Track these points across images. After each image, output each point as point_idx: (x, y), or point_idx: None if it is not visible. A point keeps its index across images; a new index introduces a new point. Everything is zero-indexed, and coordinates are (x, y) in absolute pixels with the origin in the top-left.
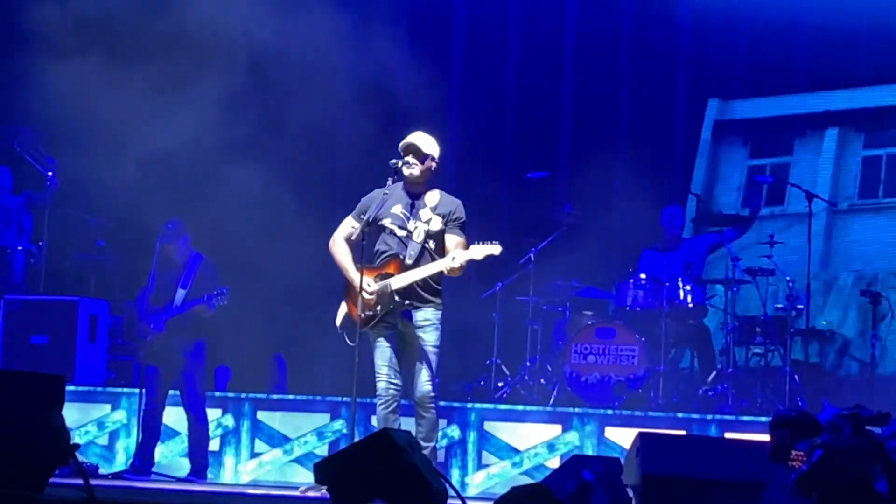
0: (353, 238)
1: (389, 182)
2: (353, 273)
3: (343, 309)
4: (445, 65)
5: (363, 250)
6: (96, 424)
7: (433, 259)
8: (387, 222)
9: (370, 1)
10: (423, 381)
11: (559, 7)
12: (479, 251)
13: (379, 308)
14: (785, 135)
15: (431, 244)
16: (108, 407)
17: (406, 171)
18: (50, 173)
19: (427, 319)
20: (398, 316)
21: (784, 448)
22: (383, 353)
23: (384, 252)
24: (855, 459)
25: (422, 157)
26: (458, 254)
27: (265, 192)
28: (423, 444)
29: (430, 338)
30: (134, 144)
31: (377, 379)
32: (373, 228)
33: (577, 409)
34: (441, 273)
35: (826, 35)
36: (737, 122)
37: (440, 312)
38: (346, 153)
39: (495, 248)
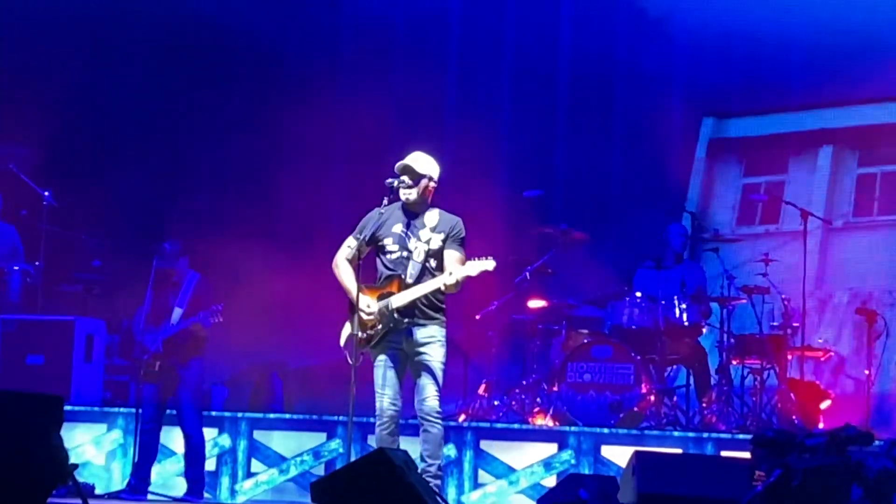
0: (353, 258)
1: (385, 201)
2: (356, 294)
3: (347, 329)
4: (441, 84)
5: (360, 270)
6: (93, 444)
7: (433, 278)
8: (388, 242)
9: (364, 17)
10: (430, 396)
11: (554, 26)
12: (475, 267)
13: (380, 327)
14: (779, 153)
15: (433, 263)
16: (104, 426)
17: (402, 194)
18: (47, 193)
19: (432, 336)
20: (401, 334)
21: (754, 467)
22: (385, 372)
23: (385, 272)
24: (822, 480)
25: (416, 178)
26: (455, 270)
27: (261, 210)
28: (429, 461)
29: (435, 354)
30: (133, 163)
31: (377, 398)
32: (374, 248)
33: (573, 428)
34: (441, 290)
35: (820, 53)
36: (731, 141)
37: (444, 329)
38: (341, 171)
39: (489, 264)
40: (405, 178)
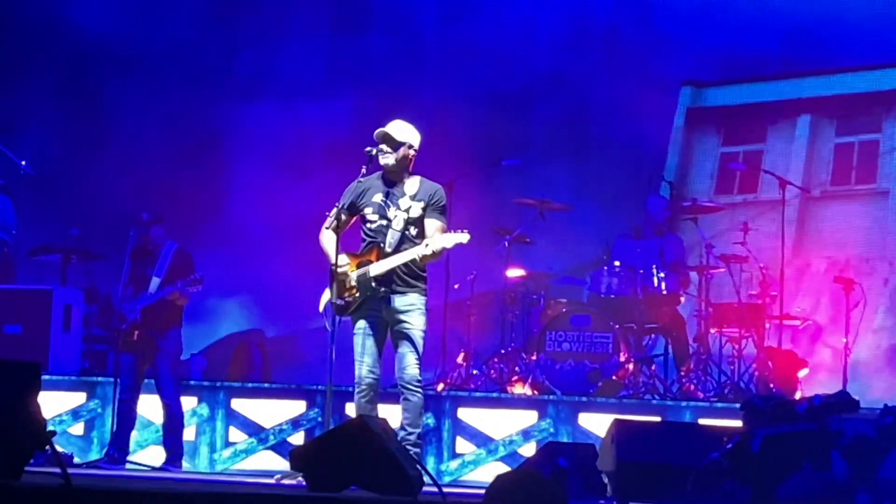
0: (339, 228)
1: (364, 170)
2: (335, 260)
3: (326, 294)
4: (419, 52)
5: (340, 239)
6: (71, 414)
7: (413, 246)
8: (368, 211)
9: None
10: (410, 364)
11: None
12: (449, 239)
13: (358, 295)
14: (758, 122)
15: (413, 231)
16: (82, 396)
17: (381, 160)
18: (23, 162)
19: (412, 304)
20: (381, 302)
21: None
22: (364, 340)
23: (366, 240)
24: (787, 447)
25: (395, 145)
26: (431, 241)
27: (241, 180)
28: (409, 429)
29: (415, 322)
30: (108, 133)
31: (356, 366)
32: (359, 218)
33: (551, 397)
34: (418, 261)
35: (798, 22)
36: (709, 110)
37: (424, 297)
38: (319, 142)
39: (464, 237)
40: (384, 146)
